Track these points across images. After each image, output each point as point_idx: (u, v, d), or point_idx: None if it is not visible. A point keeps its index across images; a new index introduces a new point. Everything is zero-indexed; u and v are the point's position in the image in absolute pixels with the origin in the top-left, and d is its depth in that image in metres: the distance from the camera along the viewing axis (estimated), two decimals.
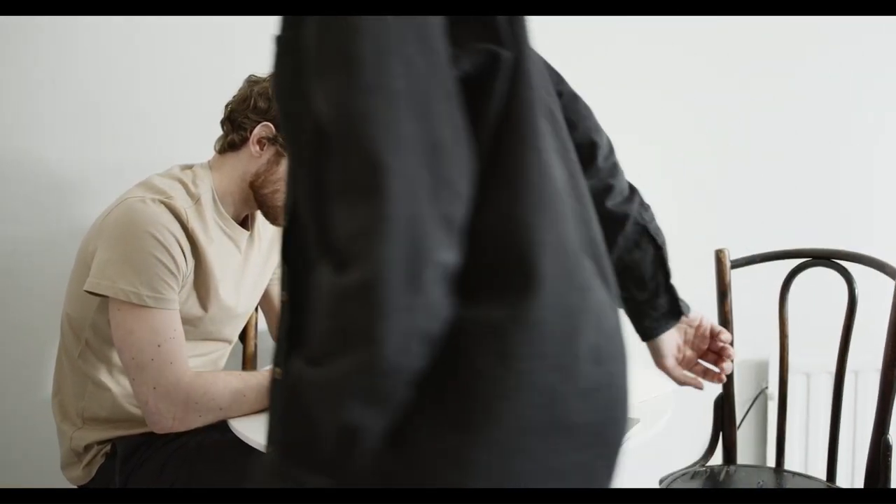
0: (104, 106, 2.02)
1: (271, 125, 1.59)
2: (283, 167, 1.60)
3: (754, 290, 2.05)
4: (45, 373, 1.90)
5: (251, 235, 1.71)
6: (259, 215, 1.72)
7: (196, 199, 1.58)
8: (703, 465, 1.93)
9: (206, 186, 1.61)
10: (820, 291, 2.01)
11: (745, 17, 2.18)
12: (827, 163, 2.28)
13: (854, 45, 2.25)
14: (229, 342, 1.75)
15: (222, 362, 1.75)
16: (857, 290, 1.83)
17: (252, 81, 1.64)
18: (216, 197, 1.62)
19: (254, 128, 1.60)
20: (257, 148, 1.60)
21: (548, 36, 2.11)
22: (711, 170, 2.25)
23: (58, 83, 2.00)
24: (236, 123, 1.62)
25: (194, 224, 1.55)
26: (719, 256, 1.95)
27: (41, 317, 2.00)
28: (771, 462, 2.27)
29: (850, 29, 2.24)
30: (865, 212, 2.31)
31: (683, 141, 2.24)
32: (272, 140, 1.60)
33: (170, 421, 1.47)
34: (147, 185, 1.57)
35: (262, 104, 1.60)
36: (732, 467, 1.95)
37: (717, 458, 1.97)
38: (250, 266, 1.71)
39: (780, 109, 2.25)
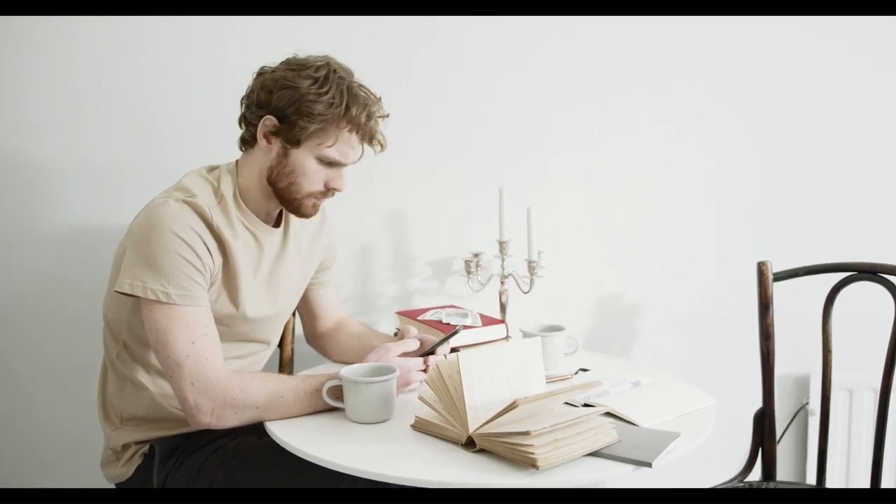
0: (146, 111, 2.05)
1: (273, 117, 1.56)
2: (292, 159, 1.58)
3: (797, 303, 2.02)
4: (92, 373, 1.92)
5: (285, 235, 1.72)
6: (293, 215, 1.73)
7: (220, 198, 1.59)
8: (742, 481, 1.90)
9: (228, 185, 1.61)
10: (865, 306, 1.97)
11: (791, 25, 2.15)
12: (873, 174, 2.23)
13: None
14: (267, 344, 1.75)
15: (260, 365, 1.76)
16: None
17: (257, 74, 1.62)
18: (238, 195, 1.62)
19: (259, 122, 1.58)
20: (265, 142, 1.59)
21: (597, 31, 2.12)
22: (755, 181, 2.22)
23: (102, 87, 2.03)
24: (247, 119, 1.62)
25: (219, 221, 1.56)
26: (762, 269, 1.92)
27: (87, 318, 2.02)
28: (811, 479, 2.23)
29: None
30: None
31: (728, 152, 2.21)
32: (276, 133, 1.57)
33: (207, 416, 1.47)
34: (174, 186, 1.59)
35: (263, 96, 1.57)
36: (772, 483, 1.91)
37: (755, 474, 1.94)
38: (284, 266, 1.71)
39: (826, 121, 2.21)
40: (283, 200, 1.63)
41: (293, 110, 1.54)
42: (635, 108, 2.18)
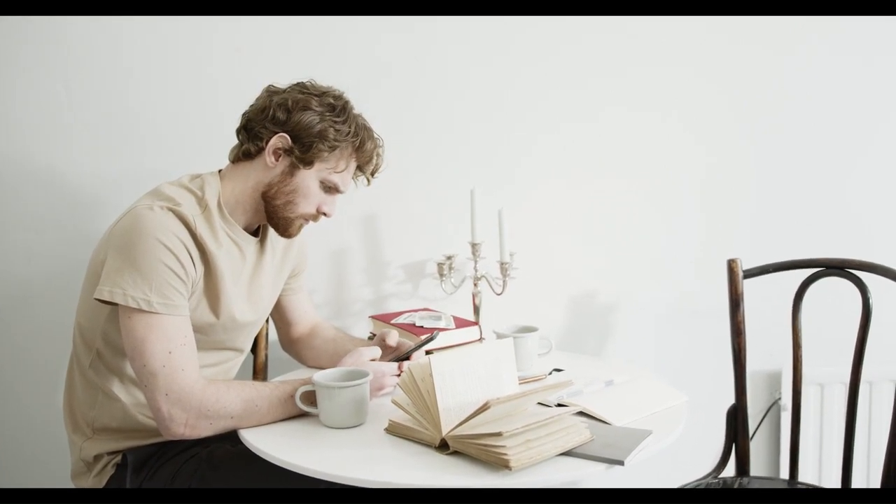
0: (117, 116, 2.03)
1: (287, 136, 1.59)
2: (297, 179, 1.61)
3: (767, 300, 2.04)
4: (59, 381, 1.91)
5: (262, 245, 1.72)
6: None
7: (204, 207, 1.59)
8: (716, 477, 1.92)
9: (212, 194, 1.61)
10: (833, 301, 2.00)
11: (764, 28, 2.17)
12: (841, 172, 2.26)
13: (871, 54, 2.23)
14: (241, 351, 1.75)
15: (233, 372, 1.75)
16: (871, 300, 1.81)
17: (271, 91, 1.65)
18: (222, 204, 1.62)
19: (270, 138, 1.60)
20: (272, 158, 1.61)
21: (588, 27, 2.13)
22: (723, 179, 2.24)
23: (72, 93, 2.01)
24: (252, 133, 1.62)
25: (202, 231, 1.55)
26: (731, 266, 1.94)
27: (57, 325, 2.01)
28: (784, 474, 2.25)
29: (871, 39, 2.22)
30: (880, 221, 2.29)
31: (696, 151, 2.23)
32: (288, 151, 1.60)
33: (181, 427, 1.46)
34: (155, 194, 1.58)
35: (280, 115, 1.60)
36: (745, 479, 1.93)
37: (729, 470, 1.95)
38: (262, 275, 1.71)
39: (792, 119, 2.24)
40: (274, 217, 1.65)
41: (312, 133, 1.59)
42: (607, 107, 2.19)
